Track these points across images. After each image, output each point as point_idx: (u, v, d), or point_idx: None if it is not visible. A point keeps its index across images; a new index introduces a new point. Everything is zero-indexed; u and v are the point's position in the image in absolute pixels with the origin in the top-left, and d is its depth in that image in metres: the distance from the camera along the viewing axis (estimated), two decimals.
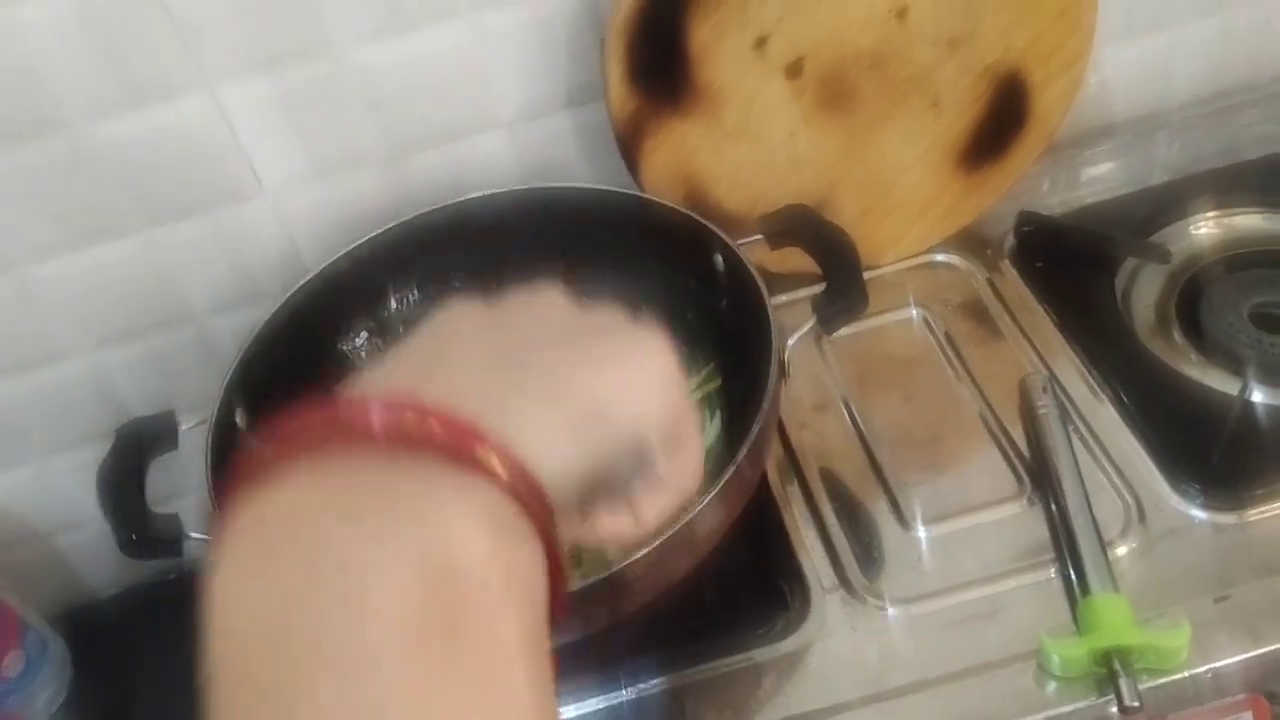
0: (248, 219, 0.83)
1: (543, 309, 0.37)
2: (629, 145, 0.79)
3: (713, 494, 0.60)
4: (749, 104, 0.78)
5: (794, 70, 0.78)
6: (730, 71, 0.77)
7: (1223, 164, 0.91)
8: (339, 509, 0.29)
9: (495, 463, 0.30)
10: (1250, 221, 0.85)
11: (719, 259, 0.75)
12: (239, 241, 0.84)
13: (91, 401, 0.89)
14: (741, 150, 0.81)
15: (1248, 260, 0.82)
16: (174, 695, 0.94)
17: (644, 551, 0.58)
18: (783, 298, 0.85)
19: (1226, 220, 0.85)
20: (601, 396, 0.34)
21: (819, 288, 0.83)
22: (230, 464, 0.31)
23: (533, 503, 0.31)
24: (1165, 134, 0.96)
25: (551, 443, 0.32)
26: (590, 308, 0.38)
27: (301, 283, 0.76)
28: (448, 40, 0.78)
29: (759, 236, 0.74)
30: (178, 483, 0.74)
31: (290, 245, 0.85)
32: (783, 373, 0.66)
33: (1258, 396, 0.73)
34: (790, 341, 0.68)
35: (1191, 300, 0.81)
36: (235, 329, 0.87)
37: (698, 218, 0.75)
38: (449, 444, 0.30)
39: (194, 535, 0.65)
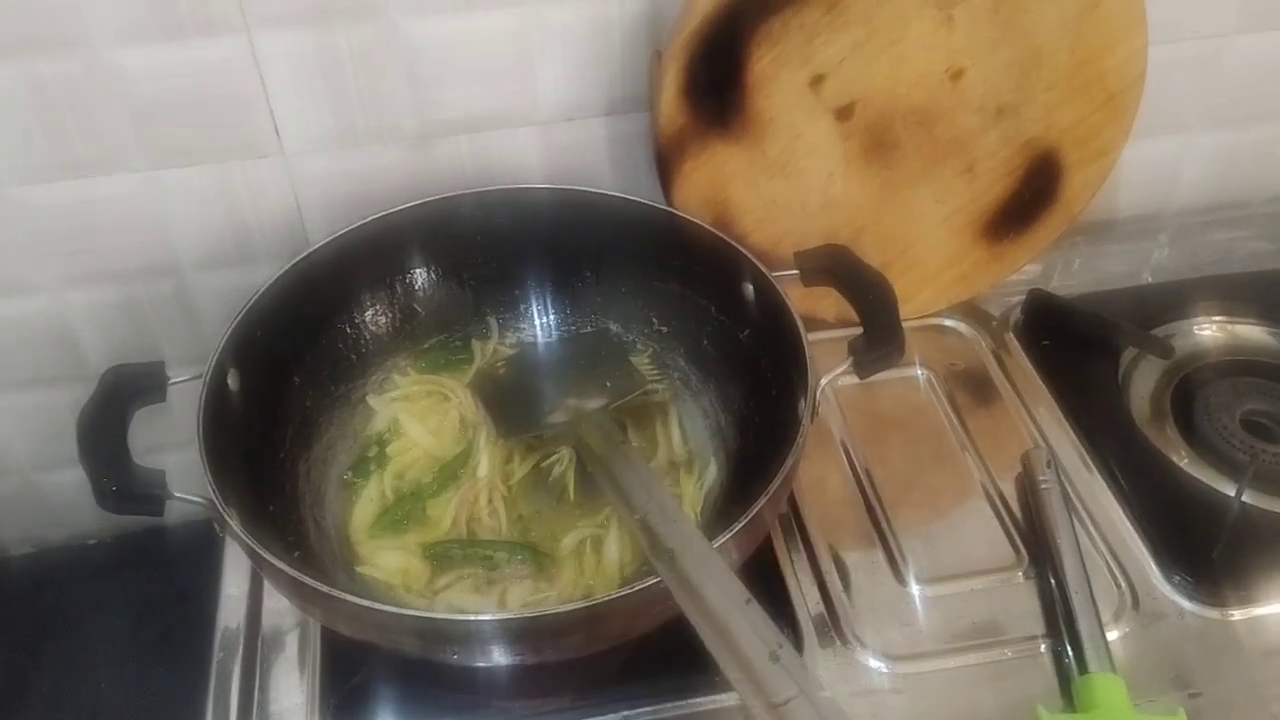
0: (258, 176, 0.79)
1: None
2: (668, 162, 0.78)
3: (727, 538, 0.58)
4: (794, 139, 0.78)
5: (845, 113, 0.77)
6: (783, 104, 0.76)
7: (1216, 272, 0.94)
8: None
9: None
10: (1251, 332, 0.88)
11: (749, 288, 0.73)
12: (244, 199, 0.79)
13: (44, 343, 0.84)
14: (777, 185, 0.80)
15: (1244, 368, 0.84)
16: (83, 666, 0.87)
17: (649, 582, 0.56)
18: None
19: (1230, 327, 0.87)
20: None
21: (834, 333, 0.84)
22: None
23: None
24: (1165, 236, 0.98)
25: None
26: None
27: (317, 245, 0.73)
28: (502, 25, 0.75)
29: (794, 272, 0.73)
30: (155, 438, 0.69)
31: (295, 212, 0.81)
32: (813, 414, 0.65)
33: (1247, 498, 0.74)
34: (823, 383, 0.66)
35: (1186, 398, 0.82)
36: (219, 289, 0.83)
37: (734, 243, 0.73)
38: None
39: (178, 495, 0.60)
